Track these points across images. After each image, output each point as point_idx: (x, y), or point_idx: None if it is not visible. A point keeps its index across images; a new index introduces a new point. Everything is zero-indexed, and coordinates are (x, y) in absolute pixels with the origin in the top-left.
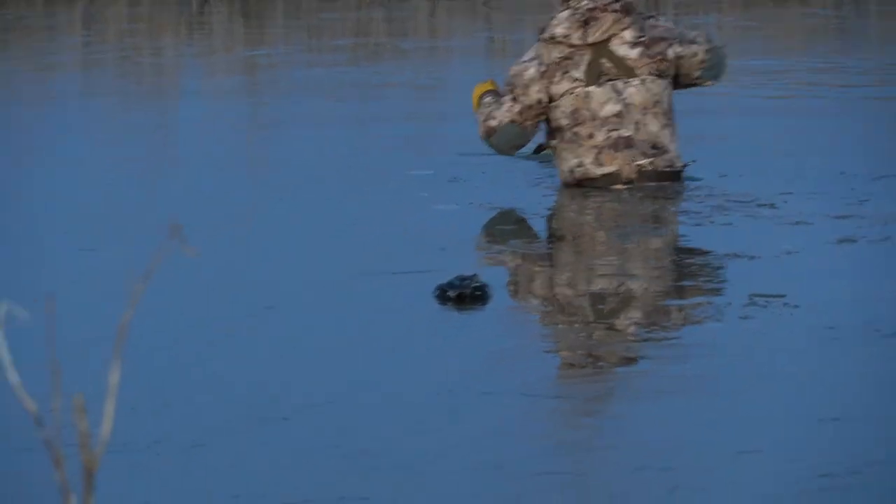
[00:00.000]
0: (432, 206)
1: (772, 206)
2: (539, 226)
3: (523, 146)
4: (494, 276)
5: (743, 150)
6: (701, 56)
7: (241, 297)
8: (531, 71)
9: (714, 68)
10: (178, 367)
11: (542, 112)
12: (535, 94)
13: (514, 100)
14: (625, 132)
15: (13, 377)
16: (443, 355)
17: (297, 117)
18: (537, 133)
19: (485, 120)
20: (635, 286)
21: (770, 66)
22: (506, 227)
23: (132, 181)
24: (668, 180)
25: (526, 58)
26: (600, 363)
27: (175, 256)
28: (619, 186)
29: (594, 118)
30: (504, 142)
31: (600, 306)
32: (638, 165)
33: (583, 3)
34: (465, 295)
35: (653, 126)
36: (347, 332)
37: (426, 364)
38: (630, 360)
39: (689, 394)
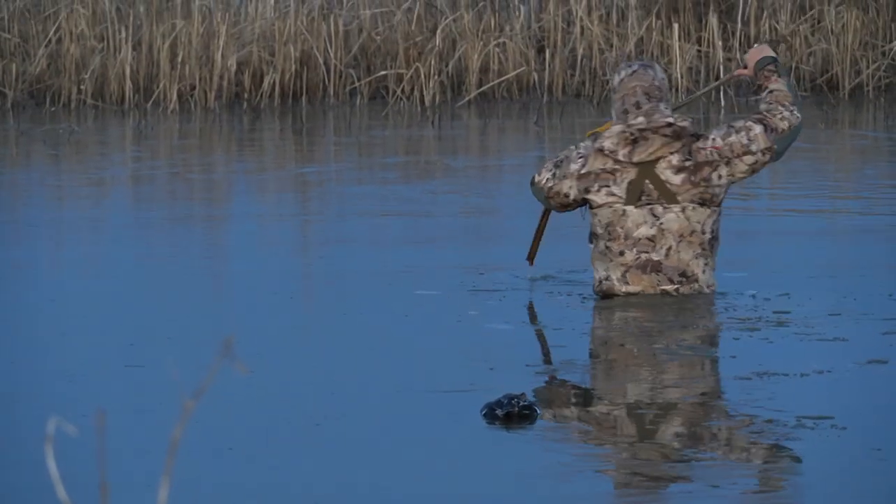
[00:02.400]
0: (483, 324)
1: (814, 325)
2: (582, 343)
3: (549, 203)
4: (542, 395)
5: (790, 270)
6: (760, 158)
7: (288, 415)
8: (574, 166)
9: (785, 149)
10: (225, 485)
11: (569, 206)
12: (566, 188)
13: (554, 175)
14: (655, 256)
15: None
16: (491, 474)
17: (348, 235)
18: (550, 204)
19: (535, 172)
20: (680, 404)
21: (820, 187)
22: (552, 345)
23: (183, 298)
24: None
25: (581, 149)
26: (646, 483)
27: (226, 372)
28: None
29: (627, 237)
30: (539, 198)
31: (646, 426)
32: (663, 290)
33: (638, 120)
34: (513, 414)
35: (685, 254)
36: (395, 450)
37: (473, 483)
38: (673, 481)
39: None
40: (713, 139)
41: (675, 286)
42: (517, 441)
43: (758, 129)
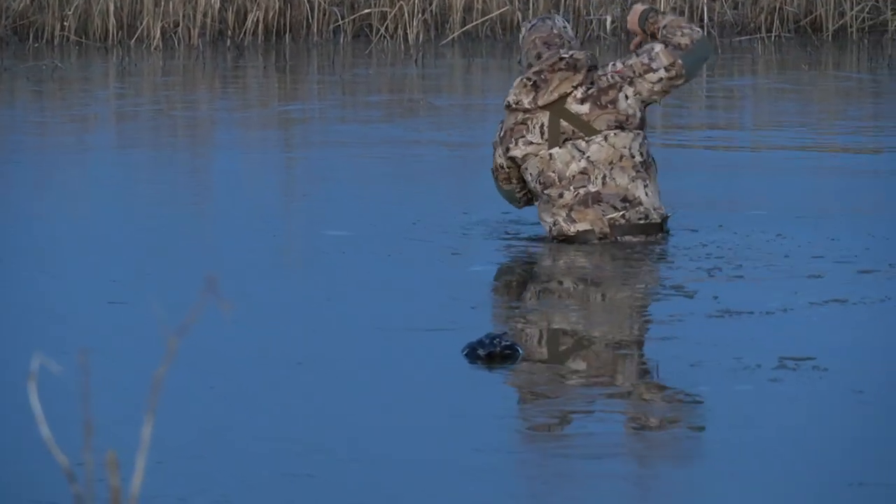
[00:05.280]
0: (466, 264)
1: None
2: (565, 283)
3: (522, 201)
4: (523, 335)
5: (773, 209)
6: (664, 75)
7: (271, 352)
8: (496, 137)
9: (695, 68)
10: (207, 422)
11: (512, 174)
12: (498, 158)
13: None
14: (592, 188)
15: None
16: (472, 414)
17: (331, 173)
18: (522, 191)
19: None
20: (661, 343)
21: (802, 129)
22: (535, 285)
23: (166, 236)
24: (647, 233)
25: (498, 123)
26: (629, 425)
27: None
28: (595, 242)
29: (561, 179)
30: (499, 193)
31: (627, 367)
32: (610, 219)
33: (533, 67)
34: (494, 354)
35: (621, 179)
36: (376, 389)
37: (454, 423)
38: (658, 423)
39: (713, 457)
40: (613, 64)
41: (621, 212)
42: (498, 381)
43: (658, 47)
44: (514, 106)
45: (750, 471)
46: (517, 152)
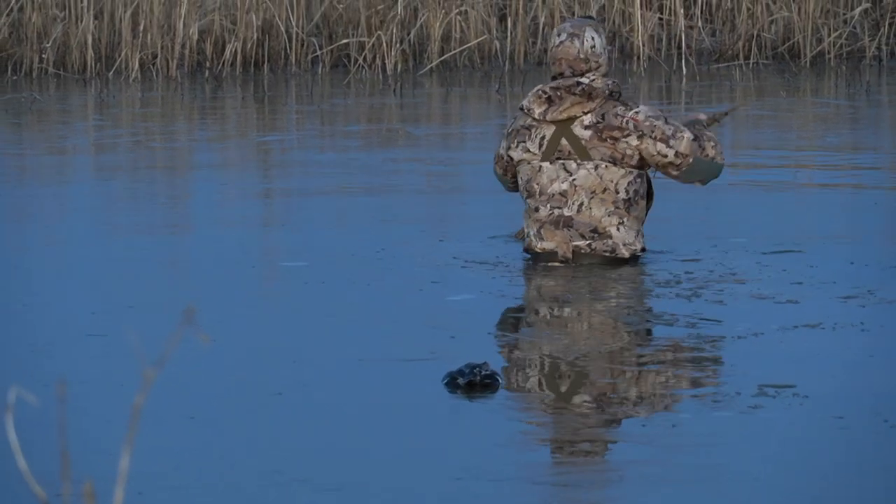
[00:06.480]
0: (445, 293)
1: (777, 292)
2: (544, 311)
3: (507, 187)
4: (504, 364)
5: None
6: (672, 159)
7: (250, 383)
8: (508, 127)
9: (695, 176)
10: (186, 453)
11: (506, 168)
12: (503, 148)
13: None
14: (567, 212)
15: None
16: (452, 442)
17: (310, 203)
18: (508, 184)
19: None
20: (642, 372)
21: (781, 155)
22: (514, 313)
23: (145, 268)
24: (611, 265)
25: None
26: (606, 451)
27: (187, 340)
28: (555, 263)
29: (542, 193)
30: (499, 180)
31: (608, 396)
32: (575, 246)
33: (552, 83)
34: (475, 383)
35: (597, 211)
36: (356, 419)
37: (434, 451)
38: (638, 451)
39: (694, 483)
40: (636, 111)
41: (587, 241)
42: (479, 410)
43: (688, 135)
44: (525, 110)
45: (732, 498)
46: (515, 154)
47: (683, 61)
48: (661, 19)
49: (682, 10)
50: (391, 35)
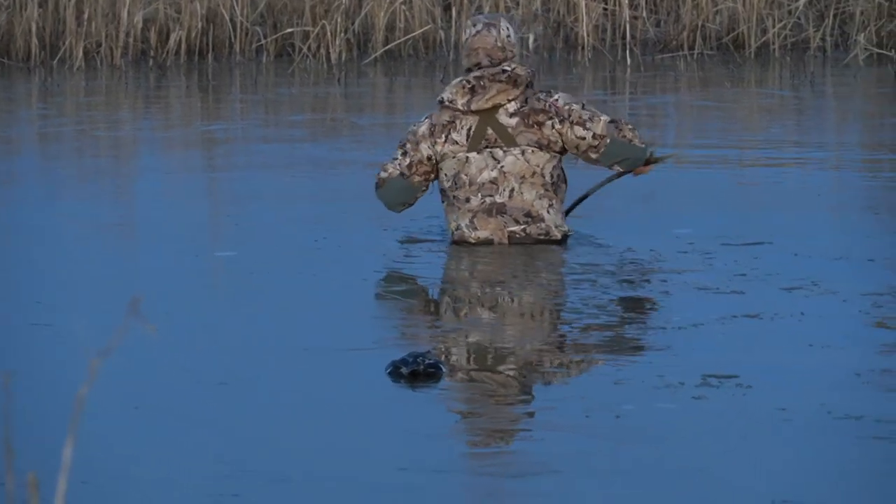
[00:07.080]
0: (388, 282)
1: (721, 284)
2: (488, 299)
3: (410, 204)
4: (447, 353)
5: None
6: (590, 141)
7: (194, 373)
8: (423, 128)
9: (614, 157)
10: (131, 443)
11: (431, 170)
12: (425, 150)
13: (405, 154)
14: (499, 199)
15: None
16: (394, 433)
17: (255, 192)
18: (424, 192)
19: (378, 172)
20: (586, 361)
21: (725, 146)
22: (458, 302)
23: (90, 256)
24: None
25: (423, 117)
26: (550, 442)
27: (132, 330)
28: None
29: (472, 183)
30: (391, 196)
31: (552, 385)
32: (510, 232)
33: (475, 72)
34: (418, 372)
35: (528, 195)
36: (300, 408)
37: (377, 441)
38: (581, 441)
39: (638, 475)
40: (556, 98)
41: (522, 226)
42: (422, 400)
43: (605, 117)
44: (447, 103)
45: (676, 490)
46: (441, 150)
47: (628, 52)
48: (605, 9)
49: (626, 1)
50: (336, 24)
